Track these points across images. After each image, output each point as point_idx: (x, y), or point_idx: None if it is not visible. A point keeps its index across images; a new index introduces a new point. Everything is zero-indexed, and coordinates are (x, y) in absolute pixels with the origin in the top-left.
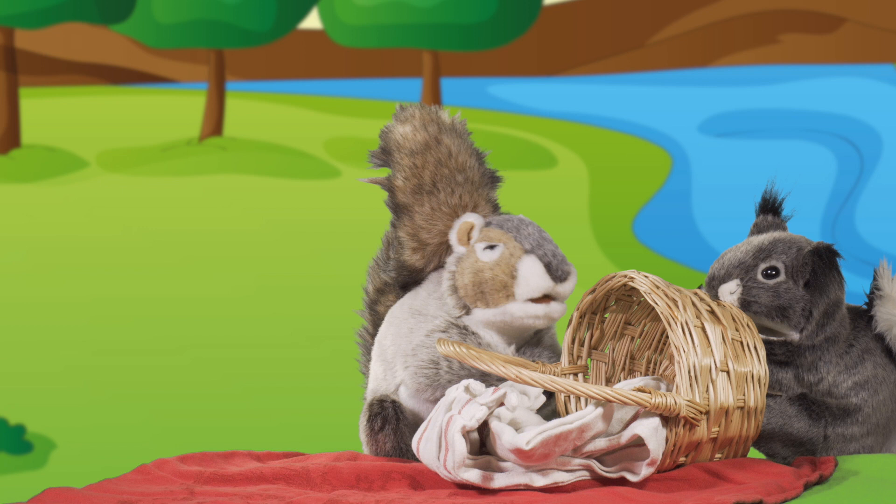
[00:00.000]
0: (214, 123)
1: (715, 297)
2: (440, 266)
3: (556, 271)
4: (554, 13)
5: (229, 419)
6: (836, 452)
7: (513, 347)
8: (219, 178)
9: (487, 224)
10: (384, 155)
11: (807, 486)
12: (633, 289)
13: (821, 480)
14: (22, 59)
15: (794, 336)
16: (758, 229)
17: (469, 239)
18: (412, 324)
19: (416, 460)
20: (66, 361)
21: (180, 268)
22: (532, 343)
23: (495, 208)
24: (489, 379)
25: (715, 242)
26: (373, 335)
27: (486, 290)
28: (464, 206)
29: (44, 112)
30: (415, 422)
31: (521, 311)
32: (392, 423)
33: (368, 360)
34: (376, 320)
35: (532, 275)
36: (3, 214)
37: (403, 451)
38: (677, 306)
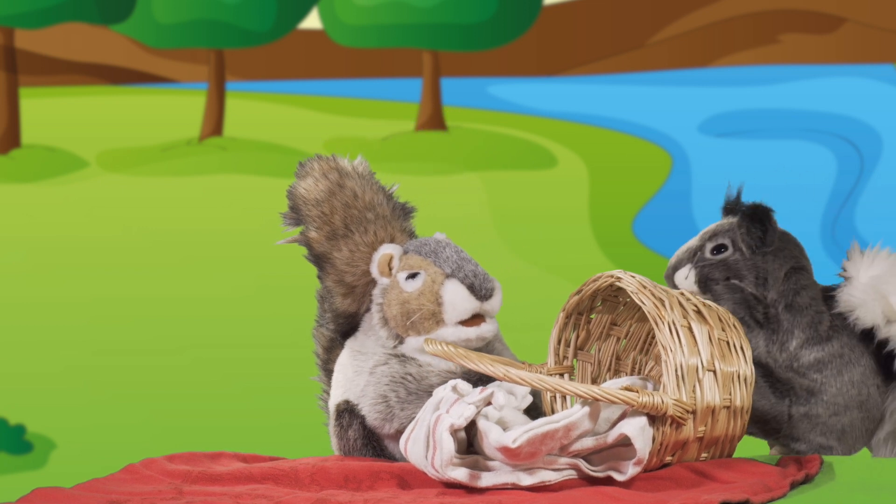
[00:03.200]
0: (214, 123)
1: (673, 286)
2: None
3: (480, 290)
4: (554, 13)
5: (229, 419)
6: (801, 432)
7: (452, 364)
8: (219, 178)
9: (406, 252)
10: (294, 213)
11: (793, 486)
12: (620, 289)
13: (807, 479)
14: (22, 59)
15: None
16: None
17: (390, 269)
18: (356, 365)
19: (395, 459)
20: (66, 361)
21: (180, 268)
22: (485, 350)
23: (412, 238)
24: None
25: None
26: None
27: (415, 320)
28: (380, 242)
29: (44, 112)
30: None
31: (454, 336)
32: (359, 417)
33: None
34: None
35: (457, 299)
36: (3, 214)
37: (377, 451)
38: (664, 306)
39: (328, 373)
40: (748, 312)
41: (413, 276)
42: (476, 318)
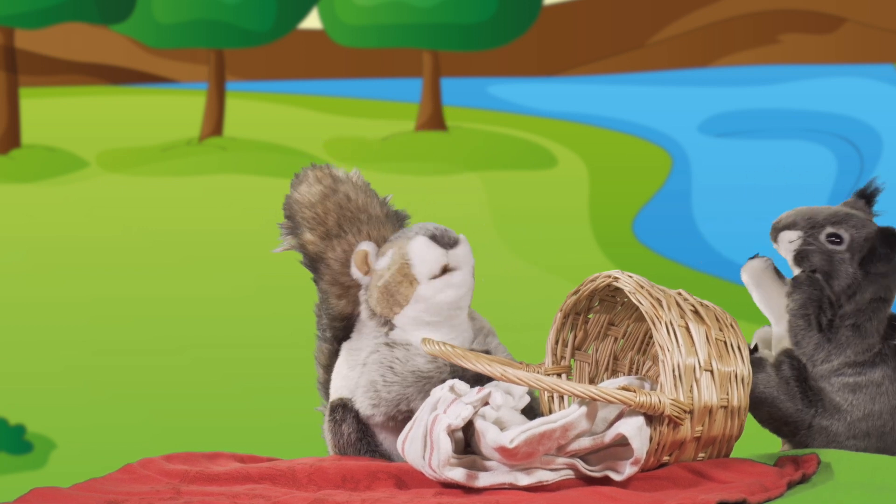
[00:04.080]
0: (214, 123)
1: (774, 240)
2: None
3: (443, 238)
4: (554, 13)
5: (229, 419)
6: (815, 445)
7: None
8: (219, 178)
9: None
10: (290, 221)
11: (790, 486)
12: (617, 289)
13: (804, 479)
14: (22, 59)
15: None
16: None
17: (368, 266)
18: (350, 362)
19: (390, 454)
20: (66, 361)
21: (180, 268)
22: (479, 341)
23: None
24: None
25: (715, 242)
26: None
27: (392, 290)
28: (374, 242)
29: (44, 112)
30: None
31: (430, 290)
32: (352, 412)
33: None
34: None
35: (422, 250)
36: (3, 214)
37: (372, 447)
38: (661, 306)
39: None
40: (816, 312)
41: (385, 255)
42: (446, 272)
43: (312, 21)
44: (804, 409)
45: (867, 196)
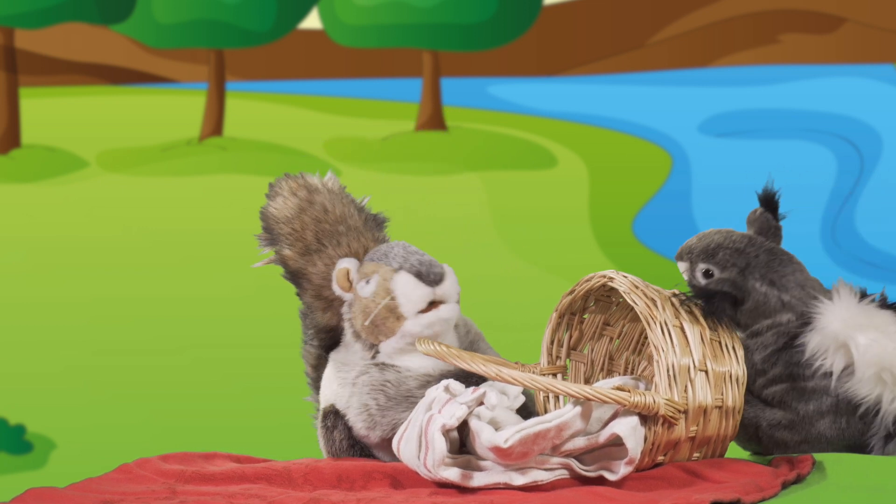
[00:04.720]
0: (214, 123)
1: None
2: None
3: (428, 276)
4: (554, 13)
5: (229, 419)
6: (778, 453)
7: (429, 367)
8: (219, 178)
9: (363, 262)
10: (268, 234)
11: (784, 486)
12: (613, 289)
13: (798, 480)
14: (22, 59)
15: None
16: (748, 222)
17: (350, 283)
18: (340, 377)
19: (374, 457)
20: (66, 361)
21: (180, 268)
22: (470, 350)
23: None
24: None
25: None
26: None
27: (378, 323)
28: (354, 254)
29: (44, 112)
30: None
31: (416, 327)
32: (343, 418)
33: None
34: None
35: (408, 288)
36: (3, 214)
37: (365, 453)
38: (656, 306)
39: (319, 391)
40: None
41: (368, 281)
42: (433, 306)
43: (312, 21)
44: (750, 419)
45: (767, 204)
